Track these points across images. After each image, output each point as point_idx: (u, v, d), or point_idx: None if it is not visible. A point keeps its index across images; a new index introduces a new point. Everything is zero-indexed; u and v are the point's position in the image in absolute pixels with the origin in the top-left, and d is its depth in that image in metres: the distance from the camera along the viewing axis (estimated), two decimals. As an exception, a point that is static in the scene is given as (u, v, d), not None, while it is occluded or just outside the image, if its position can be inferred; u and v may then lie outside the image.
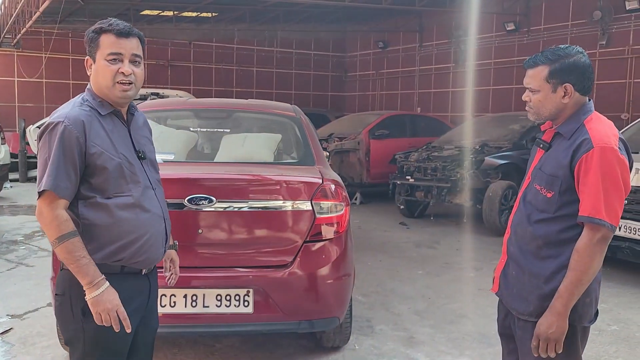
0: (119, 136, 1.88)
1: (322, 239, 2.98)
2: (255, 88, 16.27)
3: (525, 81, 1.94)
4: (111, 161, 1.81)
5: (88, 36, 1.87)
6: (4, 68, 13.32)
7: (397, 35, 15.42)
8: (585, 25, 10.92)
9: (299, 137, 3.55)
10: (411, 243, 6.67)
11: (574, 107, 1.88)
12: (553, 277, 1.83)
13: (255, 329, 2.96)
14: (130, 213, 1.84)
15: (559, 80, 1.84)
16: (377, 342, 3.70)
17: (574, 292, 1.77)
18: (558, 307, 1.79)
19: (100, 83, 1.84)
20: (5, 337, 3.62)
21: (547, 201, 1.85)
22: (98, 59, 1.83)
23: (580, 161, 1.77)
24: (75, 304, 1.82)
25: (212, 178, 2.89)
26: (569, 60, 1.84)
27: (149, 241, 1.89)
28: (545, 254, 1.86)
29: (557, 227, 1.84)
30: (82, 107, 1.83)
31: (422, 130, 10.15)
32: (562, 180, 1.81)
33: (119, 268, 1.86)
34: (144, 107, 3.79)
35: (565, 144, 1.84)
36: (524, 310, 1.92)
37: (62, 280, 1.87)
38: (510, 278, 1.99)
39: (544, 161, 1.91)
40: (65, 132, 1.75)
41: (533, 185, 1.93)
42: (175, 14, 13.15)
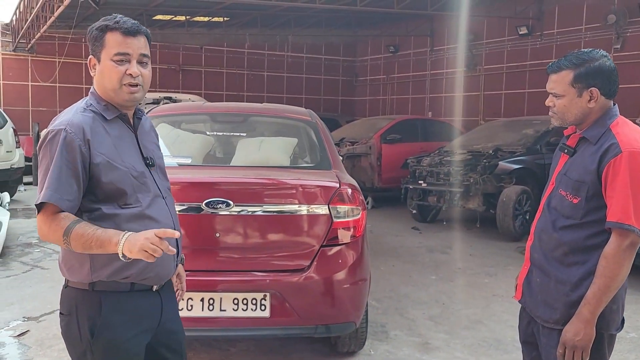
0: (125, 143, 1.76)
1: (339, 243, 2.97)
2: (266, 92, 16.34)
3: (548, 86, 1.91)
4: (117, 171, 1.69)
5: (92, 34, 1.72)
6: (18, 72, 13.48)
7: (408, 40, 15.41)
8: (600, 29, 10.85)
9: (315, 141, 3.55)
10: (424, 248, 6.63)
11: (600, 112, 1.85)
12: (580, 283, 1.80)
13: (272, 333, 2.95)
14: (138, 225, 1.69)
15: (585, 84, 1.82)
16: (392, 348, 3.68)
17: (602, 299, 1.74)
18: (585, 314, 1.76)
19: (106, 85, 1.71)
20: (22, 340, 3.64)
21: (573, 207, 1.83)
22: (103, 59, 1.70)
23: (608, 166, 1.74)
24: (83, 324, 1.70)
25: (230, 182, 2.89)
26: (594, 64, 1.82)
27: (161, 256, 1.71)
28: (571, 260, 1.83)
29: (583, 233, 1.81)
30: (84, 113, 1.71)
31: (433, 134, 10.12)
32: (589, 186, 1.78)
33: (129, 286, 1.73)
34: (159, 111, 3.81)
35: (592, 149, 1.82)
36: (549, 318, 1.89)
37: (67, 299, 1.76)
38: (534, 285, 1.96)
39: (569, 166, 1.89)
40: (66, 141, 1.62)
41: (558, 191, 1.90)
42: (187, 18, 13.25)
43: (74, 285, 1.74)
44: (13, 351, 3.46)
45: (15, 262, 5.59)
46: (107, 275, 1.70)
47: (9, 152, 8.93)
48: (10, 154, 8.94)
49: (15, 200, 9.32)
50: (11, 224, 7.00)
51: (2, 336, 3.69)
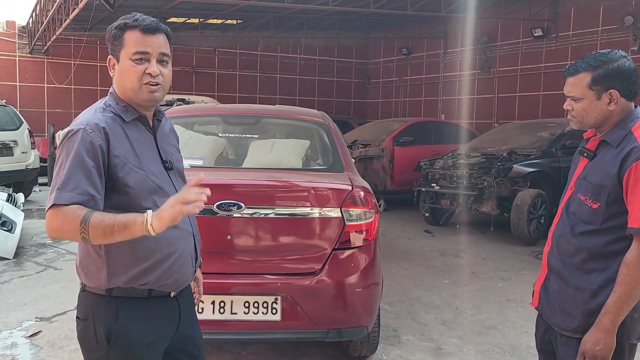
0: (144, 145, 1.72)
1: (351, 247, 2.93)
2: (278, 95, 16.35)
3: (566, 89, 1.86)
4: (135, 174, 1.65)
5: (111, 33, 1.69)
6: (34, 74, 13.63)
7: (421, 42, 15.33)
8: (616, 30, 10.70)
9: (328, 144, 3.52)
10: (436, 251, 6.57)
11: (620, 114, 1.80)
12: (600, 291, 1.75)
13: (283, 336, 2.92)
14: None
15: (604, 86, 1.77)
16: (404, 353, 3.64)
17: (623, 307, 1.69)
18: (606, 323, 1.71)
19: (125, 85, 1.68)
20: (34, 340, 3.66)
21: (592, 212, 1.78)
22: (122, 59, 1.66)
23: (629, 170, 1.69)
24: (99, 330, 1.67)
25: (241, 184, 2.87)
26: (612, 65, 1.77)
27: (178, 261, 1.73)
28: (590, 267, 1.78)
29: (603, 239, 1.75)
30: (104, 113, 1.68)
31: (446, 137, 10.05)
32: (609, 191, 1.73)
33: (146, 292, 1.70)
34: (171, 112, 3.81)
35: (613, 152, 1.77)
36: (567, 326, 1.83)
37: (83, 303, 1.73)
38: (551, 292, 1.91)
39: (589, 170, 1.84)
40: (86, 139, 1.59)
41: (577, 196, 1.85)
42: (200, 21, 13.30)
43: (91, 290, 1.71)
44: (25, 352, 3.48)
45: (29, 262, 5.63)
46: (125, 281, 1.67)
47: (25, 153, 9.04)
48: (25, 155, 9.05)
49: (30, 201, 9.41)
50: (26, 224, 7.07)
51: (15, 337, 3.71)
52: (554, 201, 7.07)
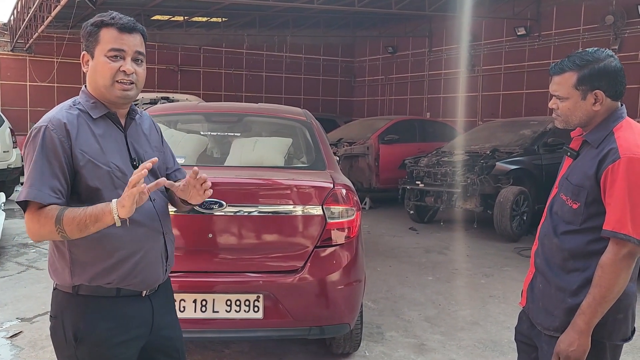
0: (110, 142, 1.70)
1: (333, 244, 2.95)
2: (264, 93, 16.32)
3: (551, 88, 1.84)
4: (98, 170, 1.64)
5: (86, 29, 1.68)
6: (16, 72, 13.46)
7: (407, 40, 15.40)
8: (597, 30, 10.85)
9: (310, 142, 3.53)
10: (421, 248, 6.62)
11: (605, 114, 1.78)
12: (579, 291, 1.75)
13: (265, 334, 2.93)
14: (120, 228, 1.59)
15: (589, 86, 1.74)
16: (387, 349, 3.66)
17: (597, 309, 1.68)
18: (580, 324, 1.70)
19: (98, 81, 1.68)
20: (15, 341, 3.62)
21: (573, 212, 1.77)
22: (97, 55, 1.66)
23: (606, 172, 1.68)
24: (67, 328, 1.68)
25: (223, 182, 2.86)
26: (598, 65, 1.74)
27: (143, 259, 1.71)
28: (571, 266, 1.78)
29: (584, 239, 1.75)
30: (69, 110, 1.67)
31: (431, 135, 10.12)
32: (588, 191, 1.73)
33: (114, 291, 1.69)
34: (154, 110, 3.79)
35: (593, 153, 1.75)
36: (549, 325, 1.83)
37: (54, 301, 1.73)
38: (537, 291, 1.91)
39: (571, 171, 1.83)
40: (46, 136, 1.59)
41: (559, 196, 1.85)
42: (185, 19, 13.23)
43: (60, 288, 1.72)
44: (5, 352, 3.44)
45: (10, 262, 5.57)
46: (88, 279, 1.66)
47: (6, 152, 8.92)
48: (7, 154, 8.93)
49: (12, 201, 9.30)
50: (7, 224, 6.98)
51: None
52: (536, 198, 7.16)
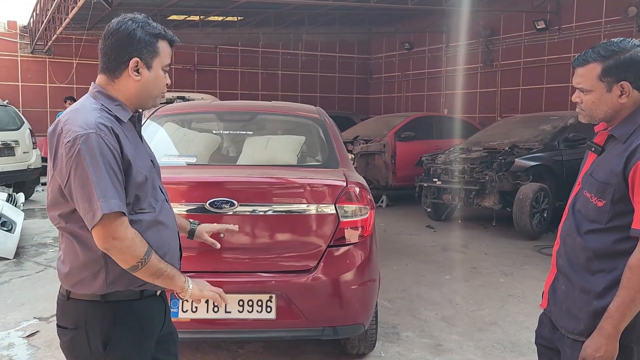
0: (137, 144, 1.71)
1: (347, 244, 2.90)
2: (280, 91, 16.33)
3: (575, 81, 1.75)
4: (140, 174, 1.64)
5: (140, 37, 1.65)
6: (36, 74, 13.67)
7: (423, 36, 15.25)
8: (620, 22, 10.60)
9: (323, 140, 3.48)
10: (438, 247, 6.53)
11: (632, 107, 1.68)
12: (605, 293, 1.65)
13: (278, 335, 2.90)
14: (153, 231, 1.66)
15: (615, 78, 1.66)
16: (403, 350, 3.60)
17: (626, 312, 1.59)
18: (607, 328, 1.61)
19: (152, 92, 1.71)
20: (32, 340, 3.65)
21: (598, 210, 1.67)
22: (156, 67, 1.68)
23: (634, 168, 1.57)
24: (94, 338, 1.63)
25: (234, 181, 2.84)
26: (624, 55, 1.64)
27: (170, 260, 1.73)
28: (597, 267, 1.68)
29: (610, 238, 1.65)
30: (103, 114, 1.61)
31: (448, 132, 9.99)
32: (615, 189, 1.63)
33: (139, 293, 1.69)
34: (167, 110, 3.79)
35: (620, 148, 1.65)
36: (573, 329, 1.74)
37: (73, 312, 1.66)
38: (559, 293, 1.82)
39: (595, 167, 1.73)
40: (102, 144, 1.53)
41: (583, 193, 1.75)
42: (201, 18, 13.27)
43: (82, 297, 1.65)
44: (22, 352, 3.47)
45: (29, 262, 5.63)
46: (125, 284, 1.65)
47: (26, 153, 9.05)
48: (27, 155, 9.07)
49: (33, 201, 9.43)
50: (27, 224, 7.08)
51: (12, 337, 3.70)
52: (556, 195, 7.02)
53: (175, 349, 1.92)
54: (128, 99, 1.70)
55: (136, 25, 1.66)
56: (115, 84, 1.69)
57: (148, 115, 3.59)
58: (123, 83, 1.68)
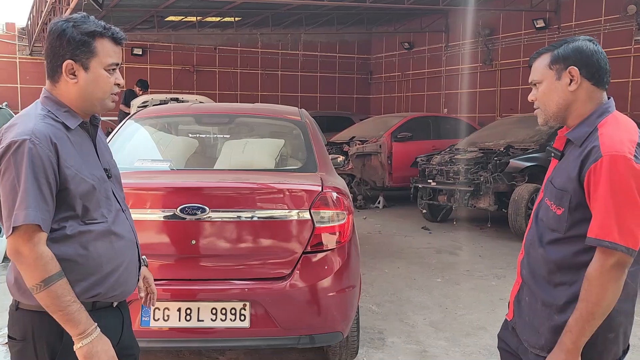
0: (87, 152, 1.64)
1: (323, 250, 2.82)
2: (280, 92, 16.27)
3: (529, 78, 1.72)
4: (85, 184, 1.57)
5: (71, 37, 1.56)
6: (35, 76, 13.66)
7: (423, 36, 15.16)
8: (619, 20, 10.48)
9: (303, 143, 3.41)
10: (432, 249, 6.45)
11: (587, 102, 1.62)
12: (567, 307, 1.57)
13: (252, 344, 2.83)
14: (105, 242, 1.61)
15: (563, 64, 1.61)
16: (387, 356, 3.53)
17: (585, 327, 1.50)
18: (567, 343, 1.53)
19: (95, 94, 1.61)
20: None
21: (557, 219, 1.60)
22: (94, 68, 1.59)
23: (588, 173, 1.50)
24: (41, 350, 1.58)
25: (205, 187, 2.77)
26: (573, 44, 1.63)
27: (125, 272, 1.68)
28: (558, 280, 1.61)
29: (570, 249, 1.58)
30: (46, 121, 1.55)
31: (446, 132, 9.90)
32: (571, 195, 1.55)
33: (91, 305, 1.62)
34: (146, 113, 3.73)
35: (576, 152, 1.58)
36: (535, 343, 1.67)
37: (21, 323, 1.61)
38: (523, 304, 1.73)
39: (555, 173, 1.67)
40: (33, 152, 1.47)
41: (544, 201, 1.68)
42: (198, 19, 13.23)
43: (30, 307, 1.59)
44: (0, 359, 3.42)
45: (17, 266, 5.58)
46: (75, 295, 1.58)
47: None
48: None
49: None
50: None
51: (-9, 343, 3.65)
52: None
53: None
54: (72, 104, 1.63)
55: (67, 25, 1.58)
56: (57, 89, 1.63)
57: (126, 119, 3.54)
58: (63, 87, 1.62)
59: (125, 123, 3.48)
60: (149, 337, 2.70)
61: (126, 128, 3.41)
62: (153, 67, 14.64)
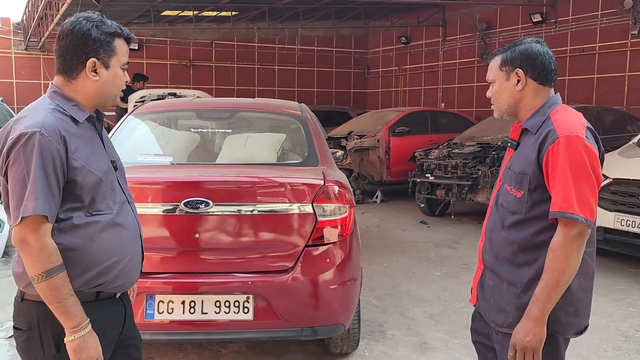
0: (94, 145, 1.68)
1: (325, 243, 2.86)
2: (277, 86, 16.24)
3: (486, 77, 1.92)
4: (92, 176, 1.62)
5: (96, 37, 1.62)
6: (30, 71, 13.59)
7: (420, 30, 15.15)
8: (616, 14, 10.50)
9: (304, 137, 3.43)
10: (430, 243, 6.49)
11: (534, 98, 1.79)
12: (531, 284, 1.70)
13: (255, 336, 2.86)
14: (110, 233, 1.65)
15: (511, 66, 1.80)
16: (387, 348, 3.57)
17: (551, 295, 1.63)
18: (534, 312, 1.65)
19: (112, 92, 1.70)
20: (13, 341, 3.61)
21: (517, 201, 1.75)
22: (114, 66, 1.67)
23: (547, 154, 1.67)
24: (46, 340, 1.62)
25: (208, 181, 2.79)
26: (520, 47, 1.80)
27: (129, 263, 1.72)
28: (521, 260, 1.75)
29: (531, 229, 1.72)
30: (55, 114, 1.59)
31: (444, 126, 9.92)
32: (530, 177, 1.71)
33: (94, 295, 1.67)
34: (147, 108, 3.74)
35: (532, 138, 1.75)
36: (502, 322, 1.79)
37: (25, 313, 1.65)
38: (487, 288, 1.87)
39: (513, 160, 1.83)
40: (43, 144, 1.51)
41: (504, 187, 1.83)
42: (195, 14, 13.18)
43: (35, 298, 1.62)
44: (3, 353, 3.44)
45: (17, 261, 5.59)
46: (79, 285, 1.62)
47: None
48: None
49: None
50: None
51: (-6, 337, 3.67)
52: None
53: (138, 354, 1.89)
54: (86, 100, 1.68)
55: (91, 24, 1.63)
56: (73, 85, 1.67)
57: (127, 114, 3.54)
58: (81, 84, 1.67)
59: (127, 118, 3.49)
60: (153, 330, 2.73)
61: (128, 123, 3.42)
62: (149, 62, 14.57)
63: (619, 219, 5.01)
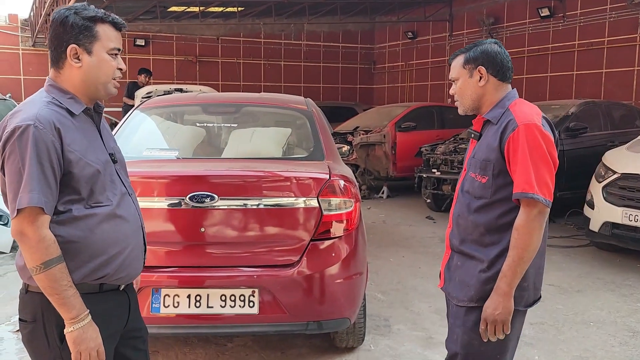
0: (92, 138, 1.68)
1: (331, 237, 2.86)
2: (283, 82, 16.23)
3: (449, 76, 2.05)
4: (89, 168, 1.62)
5: (74, 23, 1.61)
6: (38, 67, 13.65)
7: (427, 25, 15.07)
8: (625, 8, 10.38)
9: (310, 132, 3.42)
10: (436, 238, 6.48)
11: (495, 93, 1.95)
12: (496, 260, 1.86)
13: (261, 330, 2.86)
14: (110, 225, 1.66)
15: (473, 65, 1.95)
16: (393, 343, 3.57)
17: (517, 270, 1.79)
18: (503, 287, 1.81)
19: (99, 78, 1.66)
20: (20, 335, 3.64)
21: (482, 187, 1.90)
22: (97, 51, 1.64)
23: (508, 141, 1.82)
24: (51, 331, 1.63)
25: (214, 175, 2.79)
26: (480, 47, 1.97)
27: (131, 254, 1.72)
28: (488, 240, 1.90)
29: (495, 212, 1.88)
30: (51, 107, 1.60)
31: (450, 121, 9.87)
32: (494, 164, 1.87)
33: (98, 287, 1.68)
34: (153, 103, 3.74)
35: (494, 128, 1.91)
36: (464, 296, 1.93)
37: (30, 305, 1.66)
38: (453, 269, 2.01)
39: (477, 149, 1.98)
40: (37, 137, 1.51)
41: (469, 175, 1.98)
42: (201, 9, 13.18)
43: (39, 290, 1.62)
44: (10, 346, 3.47)
45: (25, 255, 5.63)
46: (81, 277, 1.63)
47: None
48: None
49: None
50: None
51: (2, 331, 3.70)
52: (557, 185, 6.90)
53: (145, 345, 1.89)
54: (77, 89, 1.67)
55: (69, 12, 1.64)
56: (62, 75, 1.67)
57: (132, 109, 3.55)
58: (67, 73, 1.66)
59: (133, 113, 3.50)
60: (159, 324, 2.74)
61: (134, 118, 3.43)
62: (156, 58, 14.60)
63: (626, 214, 4.97)
